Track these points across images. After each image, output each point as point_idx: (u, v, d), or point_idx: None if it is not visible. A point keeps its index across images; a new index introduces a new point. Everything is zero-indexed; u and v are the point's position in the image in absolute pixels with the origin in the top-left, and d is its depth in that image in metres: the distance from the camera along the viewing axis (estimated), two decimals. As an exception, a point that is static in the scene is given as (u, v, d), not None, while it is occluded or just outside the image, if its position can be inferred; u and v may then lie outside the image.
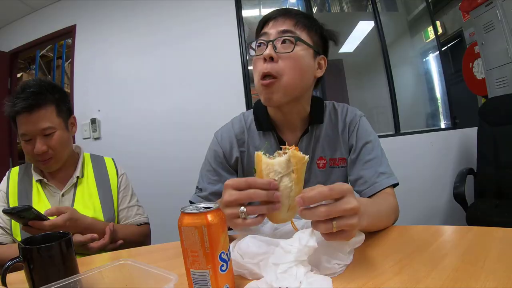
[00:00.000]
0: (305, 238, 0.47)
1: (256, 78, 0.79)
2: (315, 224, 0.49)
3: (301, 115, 0.85)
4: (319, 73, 0.83)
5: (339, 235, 0.49)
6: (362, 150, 0.83)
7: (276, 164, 0.54)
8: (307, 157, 0.55)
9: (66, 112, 1.05)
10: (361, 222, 0.51)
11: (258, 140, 0.88)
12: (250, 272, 0.50)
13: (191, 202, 0.88)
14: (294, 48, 0.75)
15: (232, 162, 0.89)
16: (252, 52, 0.81)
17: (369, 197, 0.78)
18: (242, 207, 0.55)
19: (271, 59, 0.75)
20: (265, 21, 0.82)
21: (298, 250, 0.46)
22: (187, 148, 2.18)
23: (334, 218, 0.48)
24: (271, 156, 0.57)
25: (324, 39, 0.84)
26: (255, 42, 0.81)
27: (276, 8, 0.84)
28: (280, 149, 0.58)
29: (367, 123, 0.88)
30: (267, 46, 0.76)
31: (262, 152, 0.56)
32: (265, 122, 0.87)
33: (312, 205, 0.49)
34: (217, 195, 0.87)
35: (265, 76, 0.76)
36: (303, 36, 0.78)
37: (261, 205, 0.56)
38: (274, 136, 0.86)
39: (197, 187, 0.90)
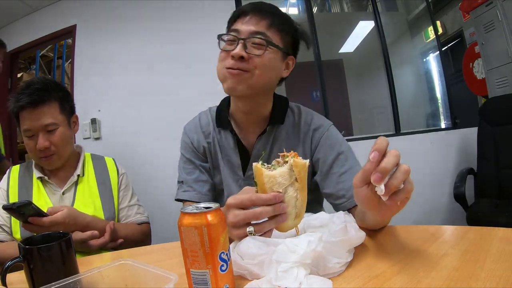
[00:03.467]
0: (315, 242, 0.47)
1: (221, 65, 0.77)
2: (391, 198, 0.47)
3: (262, 113, 0.85)
4: (286, 74, 0.84)
5: (403, 204, 0.49)
6: (335, 162, 0.80)
7: (279, 176, 0.53)
8: (307, 161, 0.55)
9: (69, 110, 1.07)
10: None
11: (219, 135, 0.90)
12: (250, 272, 0.50)
13: (178, 200, 0.89)
14: (264, 52, 0.74)
15: (201, 152, 0.91)
16: (221, 45, 0.79)
17: (349, 210, 0.74)
18: (250, 227, 0.54)
19: (241, 58, 0.74)
20: (239, 14, 0.79)
21: (304, 252, 0.46)
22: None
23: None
24: (269, 165, 0.56)
25: (296, 40, 0.84)
26: (225, 35, 0.79)
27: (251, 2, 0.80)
28: (279, 156, 0.57)
29: (337, 132, 0.86)
30: (237, 44, 0.74)
31: (261, 163, 0.55)
32: (225, 120, 0.88)
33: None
34: (198, 181, 0.88)
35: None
36: (276, 38, 0.77)
37: (268, 220, 0.55)
38: (232, 135, 0.87)
39: (178, 182, 0.91)
